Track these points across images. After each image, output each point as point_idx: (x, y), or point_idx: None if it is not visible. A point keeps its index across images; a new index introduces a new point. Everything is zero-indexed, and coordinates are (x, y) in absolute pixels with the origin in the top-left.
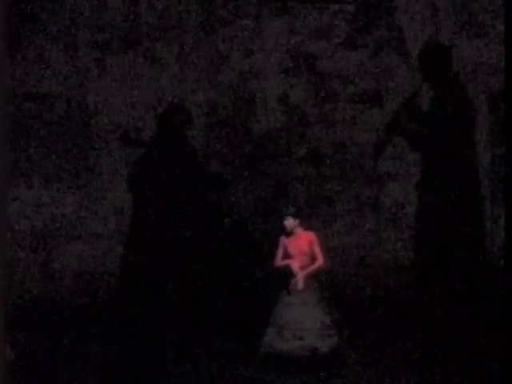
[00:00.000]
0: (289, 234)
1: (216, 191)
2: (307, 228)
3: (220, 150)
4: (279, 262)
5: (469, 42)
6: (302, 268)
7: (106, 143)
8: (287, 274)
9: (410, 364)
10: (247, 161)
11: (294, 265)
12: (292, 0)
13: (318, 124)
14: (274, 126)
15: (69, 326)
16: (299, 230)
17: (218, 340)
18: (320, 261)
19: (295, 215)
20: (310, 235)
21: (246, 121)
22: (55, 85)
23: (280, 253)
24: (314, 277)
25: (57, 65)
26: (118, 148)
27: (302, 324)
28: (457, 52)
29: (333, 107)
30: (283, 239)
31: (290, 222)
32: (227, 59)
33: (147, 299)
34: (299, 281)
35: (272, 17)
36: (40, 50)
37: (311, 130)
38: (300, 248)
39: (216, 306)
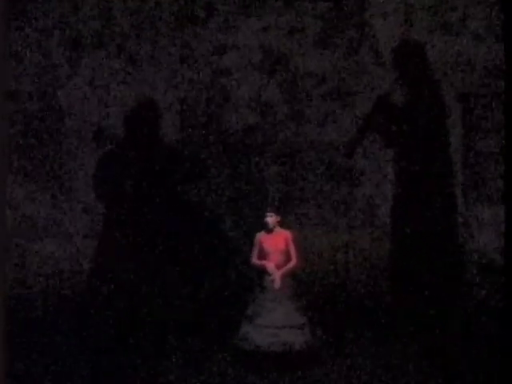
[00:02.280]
0: (270, 230)
1: (189, 189)
2: (283, 226)
3: (193, 148)
4: (255, 259)
5: (441, 40)
6: (278, 266)
7: (79, 142)
8: (262, 270)
9: (384, 362)
10: (220, 159)
11: (270, 265)
12: None
13: (291, 122)
14: (247, 124)
15: (41, 325)
16: (276, 228)
17: (192, 337)
18: (294, 261)
19: (277, 212)
20: (286, 233)
21: (219, 119)
22: (27, 83)
23: (256, 250)
24: (289, 275)
25: (28, 63)
26: (91, 147)
27: (277, 321)
28: (429, 50)
29: (306, 105)
30: (259, 236)
31: (272, 219)
32: (200, 57)
33: (120, 298)
34: (276, 280)
35: (245, 15)
36: (11, 47)
37: (284, 128)
38: (276, 246)
39: (189, 303)
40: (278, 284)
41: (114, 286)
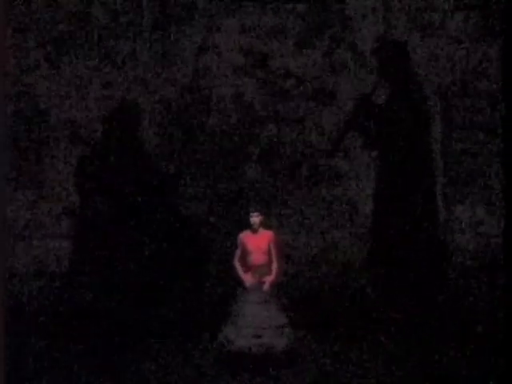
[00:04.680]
0: (254, 230)
1: (168, 190)
2: (265, 226)
3: (173, 148)
4: (237, 261)
5: (420, 39)
6: (260, 266)
7: (59, 143)
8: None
9: (364, 361)
10: (200, 159)
11: (247, 279)
12: None
13: (272, 122)
14: (228, 125)
15: (20, 324)
16: (260, 228)
17: (173, 337)
18: (276, 265)
19: (261, 212)
20: (269, 234)
21: (200, 119)
22: (7, 83)
23: (239, 250)
24: (271, 275)
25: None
26: (71, 147)
27: (259, 322)
28: (409, 50)
29: (286, 106)
30: (242, 236)
31: (258, 219)
32: (180, 57)
33: (101, 299)
34: (265, 286)
35: (225, 16)
36: None
37: (264, 128)
38: (259, 246)
39: (171, 304)
40: (267, 288)
41: (94, 286)
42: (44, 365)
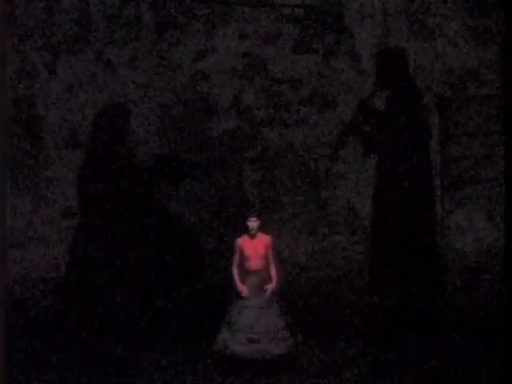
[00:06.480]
0: (252, 235)
1: (166, 195)
2: (262, 230)
3: (172, 153)
4: (235, 267)
5: (418, 45)
6: (258, 271)
7: (56, 147)
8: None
9: (363, 367)
10: (199, 163)
11: (244, 290)
12: (243, 4)
13: (270, 127)
14: (226, 130)
15: (17, 331)
16: (258, 233)
17: (169, 343)
18: (275, 271)
19: (258, 216)
20: (266, 238)
21: (198, 123)
22: (5, 89)
23: (236, 256)
24: (269, 280)
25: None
26: (68, 152)
27: (256, 327)
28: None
29: (284, 111)
30: (240, 241)
31: (256, 224)
32: (179, 62)
33: (95, 305)
34: (268, 293)
35: (223, 21)
36: None
37: (263, 133)
38: (256, 251)
39: (168, 309)
40: (268, 296)
41: (90, 292)
42: (44, 367)
